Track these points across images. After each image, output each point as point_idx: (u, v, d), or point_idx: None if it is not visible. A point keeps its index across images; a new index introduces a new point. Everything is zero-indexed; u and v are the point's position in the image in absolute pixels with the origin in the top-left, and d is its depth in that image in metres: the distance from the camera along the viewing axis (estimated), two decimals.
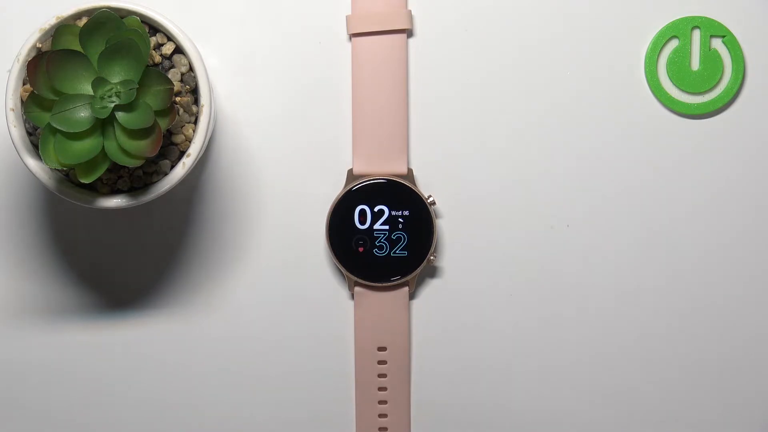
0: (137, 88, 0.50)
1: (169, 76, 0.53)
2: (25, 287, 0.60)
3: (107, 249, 0.60)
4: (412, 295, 0.60)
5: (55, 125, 0.50)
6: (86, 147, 0.51)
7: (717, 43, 0.59)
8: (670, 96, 0.59)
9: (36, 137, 0.53)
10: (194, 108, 0.54)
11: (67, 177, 0.54)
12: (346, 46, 0.59)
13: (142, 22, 0.52)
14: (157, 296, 0.60)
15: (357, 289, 0.59)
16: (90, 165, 0.51)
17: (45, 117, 0.51)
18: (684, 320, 0.60)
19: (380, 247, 0.58)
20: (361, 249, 0.58)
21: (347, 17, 0.59)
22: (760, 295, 0.60)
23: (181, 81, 0.54)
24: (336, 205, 0.58)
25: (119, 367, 0.60)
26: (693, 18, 0.59)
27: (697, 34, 0.59)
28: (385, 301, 0.59)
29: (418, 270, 0.59)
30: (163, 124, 0.51)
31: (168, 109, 0.51)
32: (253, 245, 0.60)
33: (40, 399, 0.60)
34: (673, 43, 0.59)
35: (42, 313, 0.60)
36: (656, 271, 0.60)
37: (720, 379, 0.60)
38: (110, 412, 0.60)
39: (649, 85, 0.59)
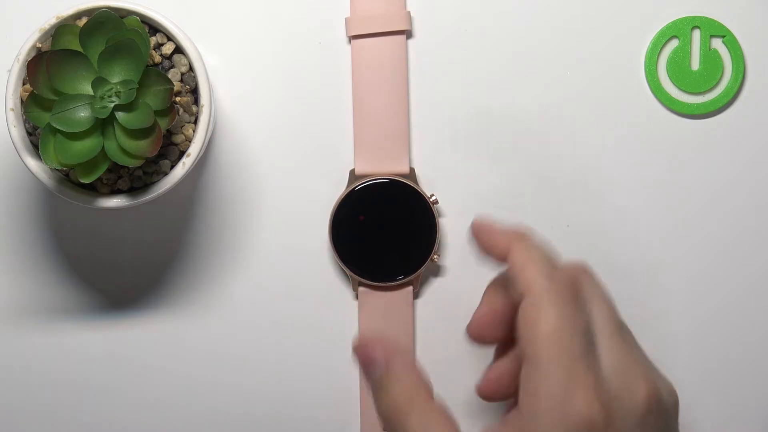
0: (137, 88, 0.50)
1: (169, 76, 0.53)
2: (25, 287, 0.60)
3: (107, 249, 0.60)
4: (416, 295, 0.60)
5: (55, 125, 0.50)
6: (86, 147, 0.51)
7: (717, 43, 0.59)
8: (670, 96, 0.59)
9: (36, 137, 0.53)
10: (194, 108, 0.54)
11: (67, 177, 0.54)
12: (347, 46, 0.59)
13: (142, 22, 0.52)
14: (156, 296, 0.60)
15: (361, 289, 0.59)
16: (90, 165, 0.51)
17: (45, 117, 0.51)
18: (684, 320, 0.60)
19: (384, 247, 0.58)
20: (364, 249, 0.58)
21: (346, 19, 0.59)
22: (761, 294, 0.60)
23: (181, 81, 0.54)
24: (339, 205, 0.58)
25: (119, 366, 0.60)
26: (693, 18, 0.59)
27: (697, 34, 0.59)
28: (389, 300, 0.59)
29: (422, 269, 0.59)
30: (163, 124, 0.51)
31: (168, 109, 0.51)
32: (255, 245, 0.60)
33: (40, 399, 0.60)
34: (673, 43, 0.59)
35: (42, 313, 0.60)
36: (656, 270, 0.60)
37: (720, 379, 0.60)
38: (110, 412, 0.60)
39: (649, 85, 0.59)
